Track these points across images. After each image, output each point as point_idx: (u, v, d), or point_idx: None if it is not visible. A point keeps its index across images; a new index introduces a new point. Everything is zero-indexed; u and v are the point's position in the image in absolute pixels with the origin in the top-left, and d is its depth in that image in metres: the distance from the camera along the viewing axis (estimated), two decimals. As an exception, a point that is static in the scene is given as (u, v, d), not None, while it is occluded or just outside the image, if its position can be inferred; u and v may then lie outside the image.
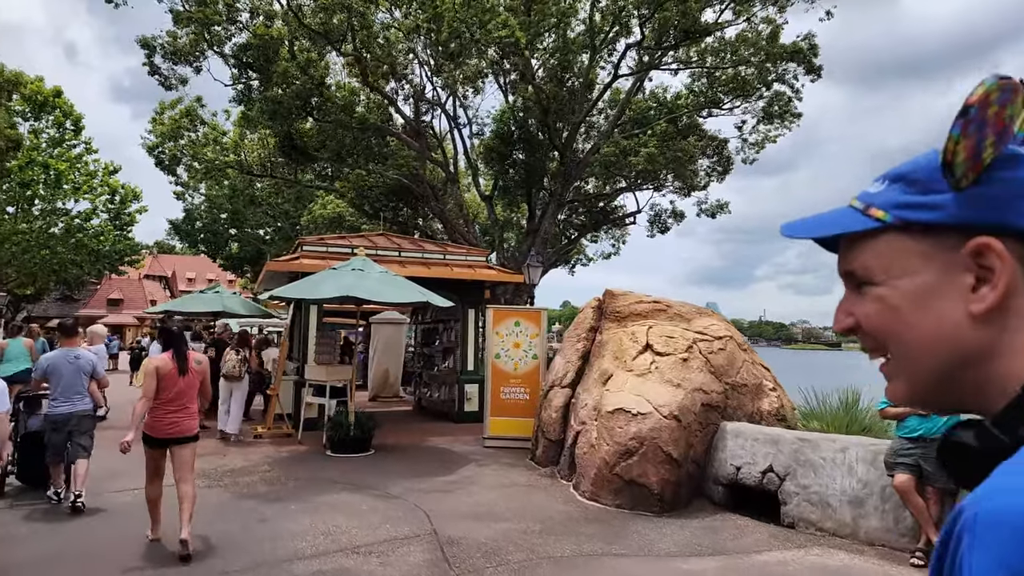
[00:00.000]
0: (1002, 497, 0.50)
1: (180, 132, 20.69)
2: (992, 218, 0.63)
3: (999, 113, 0.62)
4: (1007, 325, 0.62)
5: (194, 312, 15.43)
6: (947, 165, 0.63)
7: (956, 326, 0.64)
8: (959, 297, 0.64)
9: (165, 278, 70.82)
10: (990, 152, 0.63)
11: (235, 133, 21.50)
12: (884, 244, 0.68)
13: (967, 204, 0.64)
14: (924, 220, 0.66)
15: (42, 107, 33.33)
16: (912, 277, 0.66)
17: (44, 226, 33.90)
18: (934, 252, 0.65)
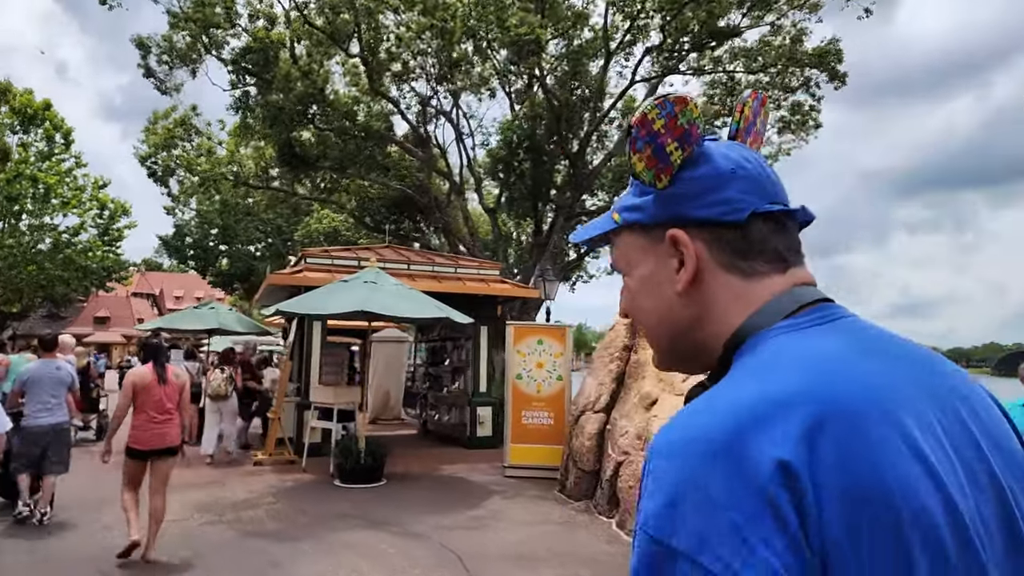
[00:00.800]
0: (663, 433, 0.63)
1: (174, 142, 19.98)
2: (677, 212, 0.75)
3: (671, 123, 0.73)
4: (706, 298, 0.75)
5: (189, 329, 14.64)
6: (634, 175, 0.78)
7: (671, 304, 0.77)
8: (670, 280, 0.77)
9: (153, 296, 69.64)
10: (678, 155, 0.75)
11: (231, 144, 20.81)
12: (622, 242, 0.82)
13: (660, 203, 0.77)
14: (635, 220, 0.79)
15: (31, 120, 32.58)
16: (640, 267, 0.80)
17: (32, 241, 32.98)
18: (650, 245, 0.78)
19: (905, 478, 0.56)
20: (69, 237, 33.74)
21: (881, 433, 0.58)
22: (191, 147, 20.58)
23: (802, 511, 0.54)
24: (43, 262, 32.50)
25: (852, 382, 0.61)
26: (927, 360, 0.70)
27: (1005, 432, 0.70)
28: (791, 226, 0.77)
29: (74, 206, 33.72)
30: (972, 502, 0.60)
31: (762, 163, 0.79)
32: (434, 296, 9.81)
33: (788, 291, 0.73)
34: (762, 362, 0.66)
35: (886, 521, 0.55)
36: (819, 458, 0.55)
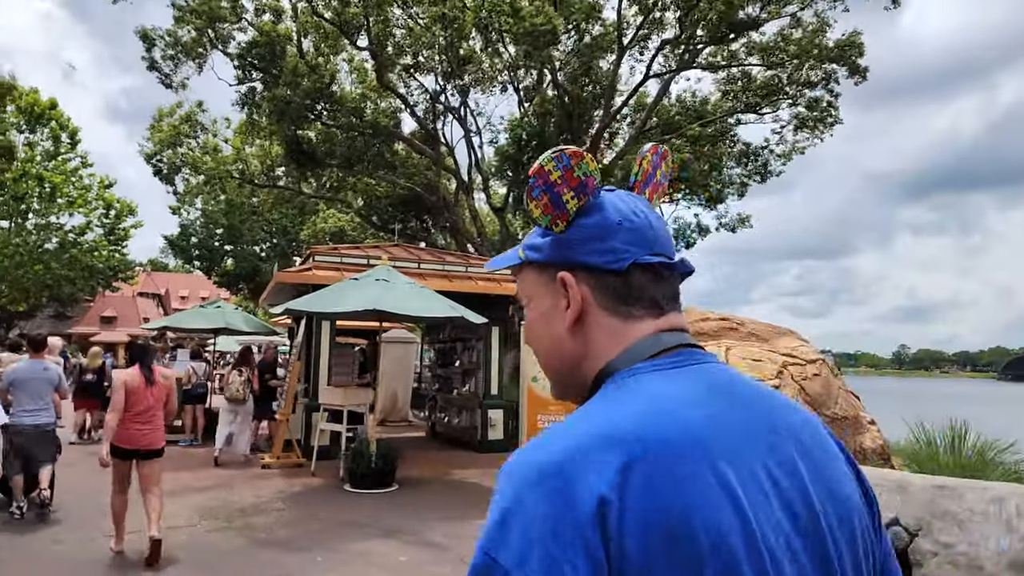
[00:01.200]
0: (512, 457, 0.71)
1: (180, 139, 19.73)
2: (568, 256, 0.83)
3: (567, 175, 0.81)
4: (588, 336, 0.82)
5: (195, 328, 14.40)
6: (532, 220, 0.84)
7: (561, 339, 0.84)
8: (560, 317, 0.83)
9: (159, 296, 69.55)
10: (574, 203, 0.82)
11: (236, 141, 20.53)
12: (524, 276, 0.89)
13: (554, 246, 0.84)
14: (534, 259, 0.86)
15: (37, 119, 32.46)
16: (537, 302, 0.87)
17: (38, 240, 32.86)
18: (545, 283, 0.85)
19: (708, 514, 0.63)
20: (75, 236, 33.62)
21: (692, 471, 0.65)
22: (197, 144, 20.32)
23: (607, 540, 0.62)
24: (49, 261, 32.38)
25: (677, 424, 0.69)
26: (766, 406, 0.77)
27: (838, 475, 0.77)
28: (669, 276, 0.84)
29: (80, 205, 33.60)
30: (783, 541, 0.67)
31: (650, 216, 0.85)
32: (445, 296, 9.53)
33: (656, 335, 0.80)
34: (609, 399, 0.75)
35: (684, 551, 0.62)
36: (629, 493, 0.63)
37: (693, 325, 7.79)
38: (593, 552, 0.61)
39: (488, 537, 0.66)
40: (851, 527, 0.75)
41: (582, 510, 0.62)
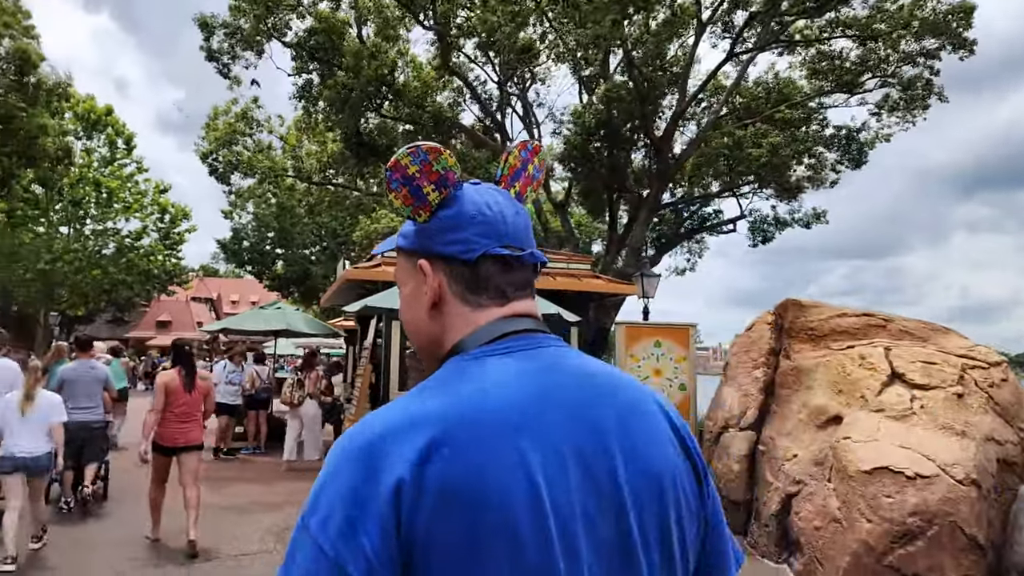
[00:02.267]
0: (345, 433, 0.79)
1: (235, 137, 19.35)
2: (426, 245, 0.89)
3: (425, 168, 0.86)
4: (444, 321, 0.89)
5: (255, 331, 13.85)
6: (394, 209, 1.07)
7: (423, 319, 0.91)
8: (422, 300, 0.90)
9: (211, 300, 70.61)
10: (435, 196, 0.88)
11: (291, 139, 20.05)
12: (398, 261, 0.97)
13: (416, 235, 0.91)
14: (402, 246, 0.94)
15: (94, 125, 32.89)
16: (406, 285, 0.94)
17: (96, 245, 33.29)
18: (411, 269, 0.92)
19: (498, 489, 0.70)
20: (132, 241, 33.96)
21: (489, 450, 0.71)
22: (252, 142, 19.91)
23: (399, 513, 0.69)
24: (107, 266, 32.75)
25: (485, 406, 0.75)
26: (587, 384, 0.82)
27: (654, 447, 0.82)
28: (518, 267, 0.90)
29: (136, 210, 33.94)
30: (579, 511, 0.73)
31: (505, 209, 0.90)
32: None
33: (496, 321, 0.86)
34: (436, 382, 0.81)
35: (467, 518, 0.69)
36: (427, 472, 0.70)
37: (829, 322, 6.71)
38: (385, 522, 0.69)
39: (305, 503, 0.74)
40: (662, 499, 0.80)
41: (383, 485, 0.70)
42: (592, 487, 0.75)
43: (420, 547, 0.69)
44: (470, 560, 0.68)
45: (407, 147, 0.87)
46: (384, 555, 0.68)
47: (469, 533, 0.68)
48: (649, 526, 0.79)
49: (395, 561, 0.69)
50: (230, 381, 10.85)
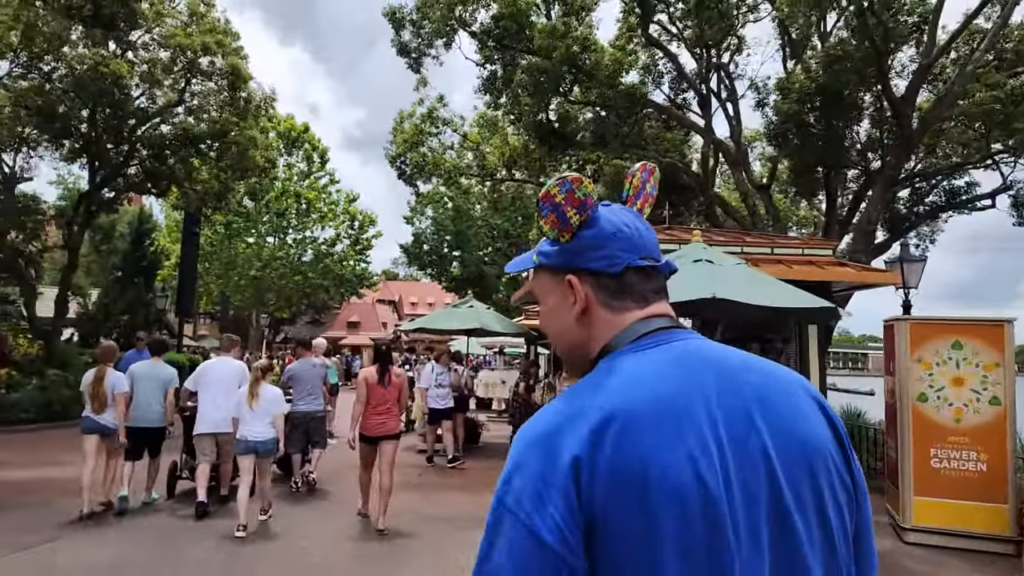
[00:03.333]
0: (523, 429, 0.90)
1: (422, 139, 19.55)
2: (572, 262, 1.02)
3: (570, 196, 0.99)
4: (590, 326, 1.01)
5: (448, 329, 13.54)
6: (543, 233, 1.04)
7: (569, 327, 1.03)
8: (568, 310, 1.02)
9: (393, 302, 74.99)
10: (577, 219, 1.00)
11: (474, 135, 19.94)
12: (538, 276, 1.09)
13: (561, 254, 1.03)
14: (546, 264, 1.06)
15: (293, 142, 35.74)
16: (549, 297, 1.07)
17: (297, 253, 36.15)
18: (556, 283, 1.04)
19: (664, 466, 0.79)
20: (327, 248, 36.47)
21: (652, 433, 0.81)
22: (438, 143, 20.02)
23: (579, 487, 0.80)
24: (307, 272, 35.40)
25: (642, 394, 0.85)
26: (728, 368, 0.91)
27: (800, 421, 0.90)
28: (655, 274, 1.02)
29: (330, 219, 36.39)
30: (735, 481, 0.81)
31: (639, 226, 1.03)
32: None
33: (640, 321, 0.99)
34: (594, 378, 0.92)
35: (640, 498, 0.78)
36: (598, 451, 0.80)
37: None
38: (568, 494, 0.80)
39: (499, 486, 0.86)
40: (810, 466, 0.87)
41: (562, 464, 0.81)
42: (746, 462, 0.83)
43: (599, 523, 0.78)
44: (648, 541, 0.77)
45: (555, 178, 1.01)
46: (570, 522, 0.79)
47: (641, 515, 0.77)
48: (803, 493, 0.85)
49: (580, 528, 0.79)
50: (440, 384, 10.24)
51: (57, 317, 16.88)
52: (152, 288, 21.51)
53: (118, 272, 20.88)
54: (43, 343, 16.68)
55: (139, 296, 20.02)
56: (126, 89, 14.89)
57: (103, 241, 37.03)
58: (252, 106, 17.07)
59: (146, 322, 20.01)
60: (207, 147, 17.80)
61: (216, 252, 33.06)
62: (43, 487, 7.68)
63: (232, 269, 33.42)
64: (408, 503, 7.32)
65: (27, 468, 8.99)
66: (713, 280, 5.97)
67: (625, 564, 0.78)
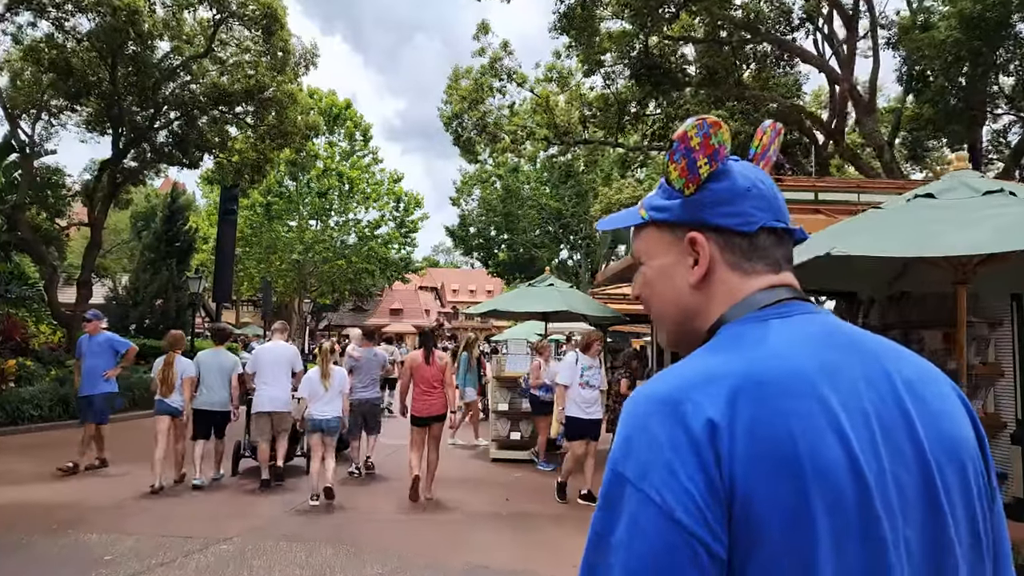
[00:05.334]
0: (636, 391, 0.78)
1: (482, 93, 17.20)
2: (698, 217, 0.87)
3: (705, 142, 0.85)
4: (710, 292, 0.87)
5: (527, 311, 11.26)
6: (667, 181, 0.89)
7: (683, 292, 0.89)
8: (685, 273, 0.88)
9: (435, 289, 73.40)
10: (706, 168, 0.86)
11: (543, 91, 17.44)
12: (646, 235, 0.94)
13: (684, 208, 0.89)
14: (661, 219, 0.91)
15: (335, 119, 33.87)
16: (659, 259, 0.92)
17: (340, 236, 34.39)
18: (671, 241, 0.90)
19: (813, 444, 0.69)
20: (371, 231, 34.63)
21: (797, 406, 0.70)
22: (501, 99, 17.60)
23: (719, 456, 0.68)
24: (350, 256, 33.63)
25: (782, 363, 0.74)
26: (871, 350, 0.81)
27: (950, 418, 0.80)
28: (787, 241, 0.90)
29: (374, 200, 34.50)
30: (888, 469, 0.72)
31: (773, 186, 0.91)
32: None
33: (768, 289, 0.86)
34: (719, 343, 0.81)
35: (789, 478, 0.67)
36: (737, 422, 0.69)
37: None
38: (707, 467, 0.68)
39: (615, 457, 0.74)
40: (961, 464, 0.77)
41: (696, 430, 0.69)
42: (896, 449, 0.74)
43: (742, 499, 0.67)
44: (797, 526, 0.67)
45: (693, 119, 0.87)
46: (709, 498, 0.67)
47: (793, 497, 0.67)
48: (954, 497, 0.76)
49: (722, 504, 0.68)
50: (588, 383, 7.12)
51: (80, 302, 15.17)
52: (186, 270, 19.78)
53: (150, 253, 19.19)
54: (66, 331, 15.02)
55: (172, 279, 18.29)
56: (146, 37, 12.96)
57: (144, 228, 35.86)
58: (291, 60, 15.06)
59: (179, 307, 18.28)
60: (242, 108, 15.86)
61: (256, 235, 31.45)
62: (56, 512, 6.24)
63: (273, 253, 31.80)
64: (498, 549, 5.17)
65: (34, 483, 7.26)
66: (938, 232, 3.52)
67: (774, 548, 0.67)
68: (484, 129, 16.92)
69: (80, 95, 13.99)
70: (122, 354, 8.09)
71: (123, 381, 13.72)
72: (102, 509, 6.36)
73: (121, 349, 8.08)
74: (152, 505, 6.55)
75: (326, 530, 5.88)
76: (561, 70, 16.83)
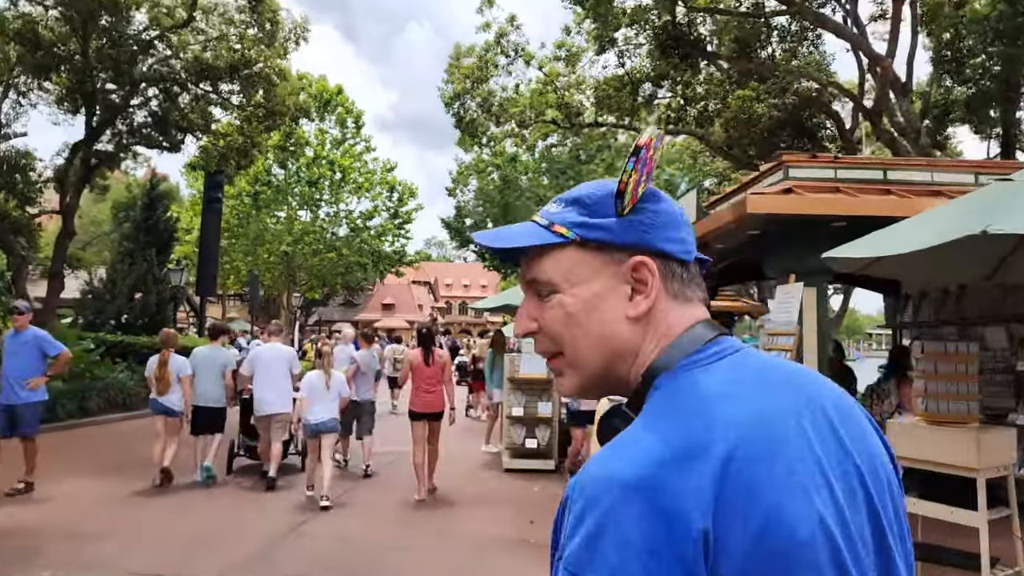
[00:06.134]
0: (586, 471, 0.66)
1: (485, 74, 16.07)
2: (645, 240, 0.77)
3: (653, 156, 0.78)
4: (649, 328, 0.77)
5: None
6: (620, 194, 0.76)
7: (615, 328, 0.77)
8: (620, 304, 0.77)
9: (429, 283, 72.23)
10: (643, 187, 0.78)
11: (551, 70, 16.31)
12: (566, 257, 0.79)
13: (628, 228, 0.77)
14: (598, 239, 0.78)
15: (326, 105, 32.61)
16: (586, 285, 0.78)
17: (331, 227, 33.21)
18: (603, 266, 0.78)
19: (791, 517, 0.62)
20: (363, 221, 33.46)
21: (770, 477, 0.63)
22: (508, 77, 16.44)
23: (707, 559, 0.60)
24: (341, 248, 32.46)
25: (752, 422, 0.66)
26: (798, 384, 0.74)
27: (867, 435, 0.76)
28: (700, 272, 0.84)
29: (367, 189, 33.32)
30: (850, 520, 0.66)
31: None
32: None
33: (704, 323, 0.78)
34: (675, 403, 0.70)
35: (774, 558, 0.61)
36: (725, 509, 0.61)
37: None
38: (694, 570, 0.59)
39: (575, 557, 0.62)
40: (888, 481, 0.75)
41: (682, 532, 0.60)
42: (853, 499, 0.69)
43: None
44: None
45: (653, 128, 0.81)
46: None
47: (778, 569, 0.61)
48: (891, 518, 0.74)
49: None
50: None
51: (51, 295, 14.02)
52: (167, 262, 18.60)
53: (128, 243, 18.00)
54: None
55: (151, 270, 17.11)
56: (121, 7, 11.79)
57: (126, 219, 34.48)
58: (280, 34, 13.92)
59: (160, 301, 17.11)
60: (227, 87, 14.70)
61: (242, 226, 30.19)
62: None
63: (260, 245, 30.56)
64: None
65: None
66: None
67: None
68: (489, 110, 15.83)
69: (50, 69, 12.80)
70: (52, 358, 6.77)
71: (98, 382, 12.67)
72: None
73: (51, 352, 6.75)
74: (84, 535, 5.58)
75: (324, 561, 5.39)
76: (571, 47, 15.76)
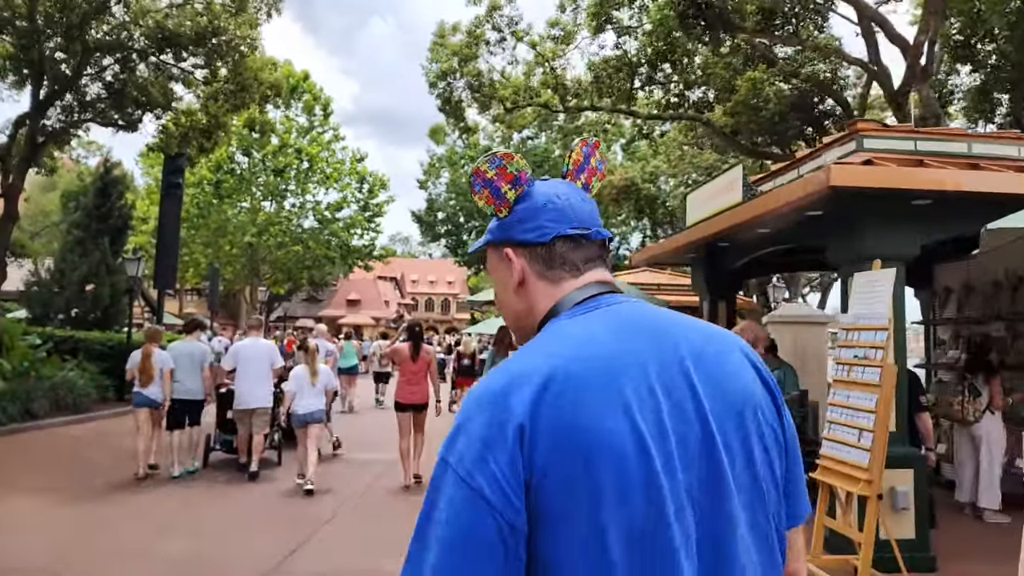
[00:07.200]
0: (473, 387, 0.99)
1: (475, 51, 15.01)
2: (509, 235, 1.04)
3: (501, 172, 1.02)
4: (529, 296, 1.04)
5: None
6: (481, 208, 1.05)
7: (512, 298, 1.06)
8: (509, 281, 1.05)
9: (395, 279, 70.62)
10: (512, 193, 1.03)
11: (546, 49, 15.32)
12: (489, 254, 1.10)
13: (499, 229, 1.06)
14: (491, 240, 1.08)
15: (293, 92, 31.10)
16: (496, 272, 1.09)
17: (297, 219, 31.72)
18: (499, 257, 1.06)
19: (599, 422, 0.81)
20: (331, 213, 32.06)
21: (591, 394, 0.83)
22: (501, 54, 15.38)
23: (522, 447, 0.80)
24: (308, 241, 31.04)
25: (580, 357, 0.87)
26: (663, 329, 0.94)
27: (732, 375, 0.94)
28: (587, 243, 1.04)
29: (335, 180, 31.92)
30: (671, 428, 0.85)
31: (572, 198, 1.05)
32: None
33: (576, 290, 1.00)
34: (536, 344, 0.94)
35: (573, 450, 0.80)
36: (540, 412, 0.81)
37: None
38: (511, 454, 0.80)
39: (444, 446, 0.85)
40: (739, 413, 0.92)
41: (505, 425, 0.81)
42: (680, 411, 0.87)
43: (539, 482, 0.80)
44: (581, 492, 0.79)
45: (485, 155, 1.04)
46: (512, 480, 0.79)
47: (579, 468, 0.80)
48: (731, 440, 0.89)
49: (522, 487, 0.80)
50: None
51: (-11, 286, 12.55)
52: (121, 252, 17.11)
53: (78, 231, 16.48)
54: (-30, 320, 12.37)
55: (104, 260, 15.66)
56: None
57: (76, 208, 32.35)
58: (251, 3, 12.71)
59: (113, 293, 15.66)
60: (191, 61, 13.40)
61: (203, 215, 28.54)
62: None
63: (222, 236, 28.94)
64: None
65: None
66: None
67: (562, 518, 0.80)
68: (479, 89, 14.78)
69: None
70: None
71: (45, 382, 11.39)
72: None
73: None
74: None
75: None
76: (565, 25, 14.85)
